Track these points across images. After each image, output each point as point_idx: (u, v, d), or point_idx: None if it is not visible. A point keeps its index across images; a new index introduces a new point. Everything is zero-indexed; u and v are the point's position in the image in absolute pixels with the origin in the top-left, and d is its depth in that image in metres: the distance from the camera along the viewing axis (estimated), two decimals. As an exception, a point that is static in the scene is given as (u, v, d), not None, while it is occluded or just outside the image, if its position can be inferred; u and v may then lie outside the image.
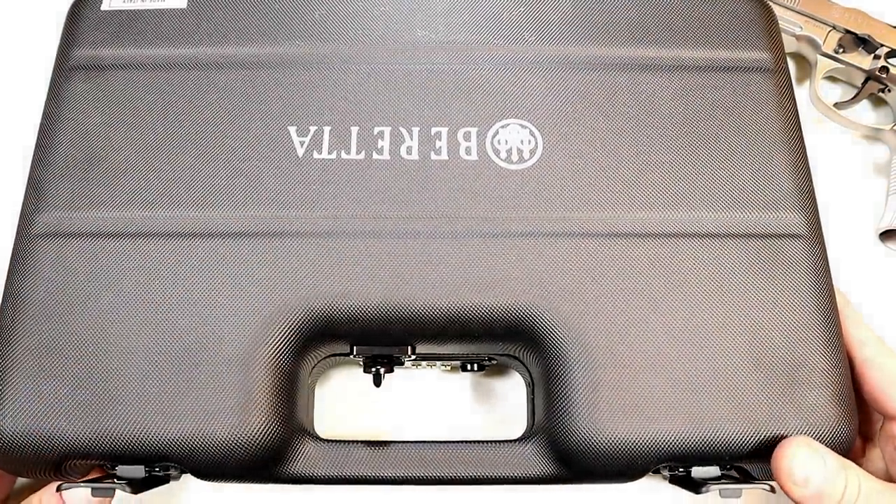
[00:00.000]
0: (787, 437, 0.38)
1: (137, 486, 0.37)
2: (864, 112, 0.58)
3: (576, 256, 0.41)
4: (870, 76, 0.56)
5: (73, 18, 0.46)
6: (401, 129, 0.43)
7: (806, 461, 0.36)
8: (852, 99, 0.57)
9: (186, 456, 0.37)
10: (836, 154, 0.56)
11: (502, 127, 0.43)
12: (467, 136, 0.43)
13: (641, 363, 0.39)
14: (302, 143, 0.43)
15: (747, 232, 0.41)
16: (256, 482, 0.40)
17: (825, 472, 0.36)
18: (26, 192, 0.42)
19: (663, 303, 0.40)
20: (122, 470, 0.38)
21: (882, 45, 0.55)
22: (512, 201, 0.42)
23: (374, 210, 0.41)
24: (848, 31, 0.56)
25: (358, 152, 0.43)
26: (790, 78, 0.45)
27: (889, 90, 0.55)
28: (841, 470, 0.36)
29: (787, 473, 0.36)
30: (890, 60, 0.55)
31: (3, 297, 0.40)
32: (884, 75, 0.55)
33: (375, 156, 0.42)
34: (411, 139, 0.43)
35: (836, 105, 0.56)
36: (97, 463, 0.39)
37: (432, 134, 0.43)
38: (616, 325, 0.39)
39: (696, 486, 0.38)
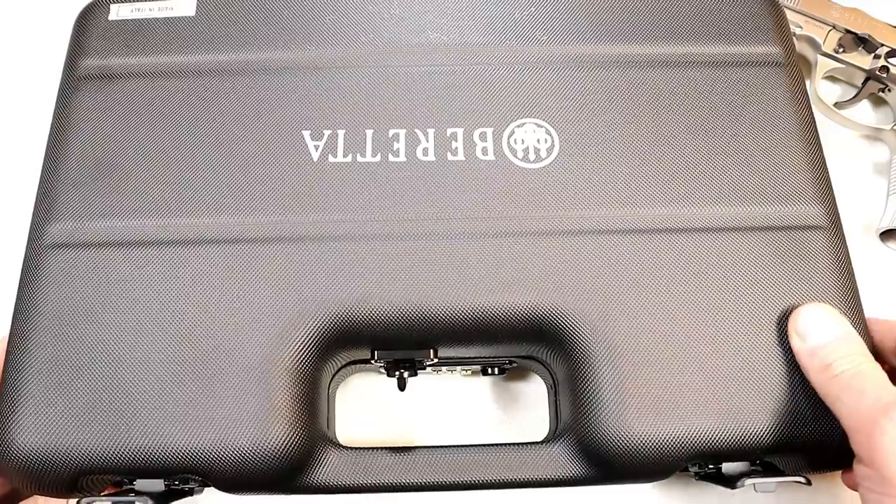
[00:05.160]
0: (812, 426, 0.37)
1: (158, 501, 0.36)
2: (864, 112, 0.58)
3: (596, 254, 0.40)
4: (870, 76, 0.56)
5: (81, 28, 0.46)
6: (416, 130, 0.43)
7: (815, 314, 0.38)
8: (852, 99, 0.57)
9: (206, 467, 0.36)
10: (836, 154, 0.56)
11: (518, 126, 0.43)
12: (483, 137, 0.43)
13: (667, 360, 0.38)
14: (317, 147, 0.42)
15: (768, 225, 0.41)
16: (279, 493, 0.38)
17: (834, 332, 0.37)
18: (36, 202, 0.42)
19: (686, 298, 0.40)
20: (140, 484, 0.37)
21: (882, 45, 0.55)
22: (530, 200, 0.41)
23: (391, 212, 0.41)
24: (848, 31, 0.56)
25: (374, 155, 0.42)
26: (801, 71, 0.46)
27: (889, 90, 0.56)
28: (848, 342, 0.37)
29: (792, 321, 0.38)
30: (890, 60, 0.55)
31: (15, 309, 0.39)
32: (884, 75, 0.55)
33: (391, 158, 0.42)
34: (427, 141, 0.43)
35: (836, 105, 0.57)
36: (114, 478, 0.37)
37: (448, 135, 0.43)
38: (640, 321, 0.39)
39: (729, 482, 0.38)
